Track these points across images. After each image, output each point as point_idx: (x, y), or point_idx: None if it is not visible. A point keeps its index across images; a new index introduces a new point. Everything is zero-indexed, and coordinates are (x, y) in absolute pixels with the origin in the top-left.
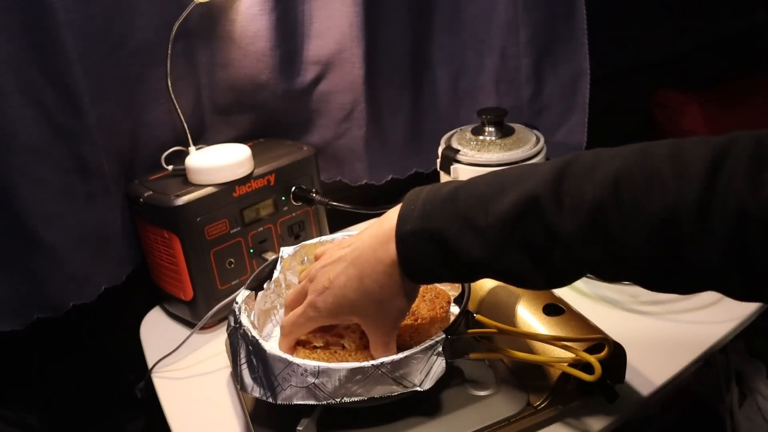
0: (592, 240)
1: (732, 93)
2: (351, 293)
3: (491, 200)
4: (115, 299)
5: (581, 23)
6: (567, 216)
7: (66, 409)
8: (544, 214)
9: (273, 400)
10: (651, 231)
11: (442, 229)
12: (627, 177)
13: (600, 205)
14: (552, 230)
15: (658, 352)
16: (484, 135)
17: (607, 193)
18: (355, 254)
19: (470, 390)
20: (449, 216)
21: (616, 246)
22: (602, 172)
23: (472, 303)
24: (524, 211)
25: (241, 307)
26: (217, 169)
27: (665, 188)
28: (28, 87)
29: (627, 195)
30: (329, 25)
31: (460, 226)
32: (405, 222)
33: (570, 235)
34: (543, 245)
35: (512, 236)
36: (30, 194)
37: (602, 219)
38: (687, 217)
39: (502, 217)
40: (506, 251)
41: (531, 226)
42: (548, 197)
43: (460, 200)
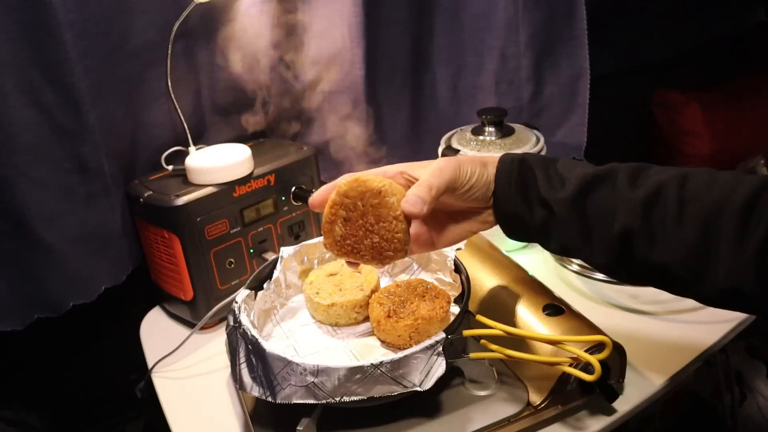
0: (649, 213)
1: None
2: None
3: (582, 166)
4: (115, 299)
5: (581, 23)
6: (635, 188)
7: (66, 409)
8: (618, 183)
9: (272, 399)
10: (699, 220)
11: (537, 165)
12: (694, 174)
13: (664, 188)
14: (619, 196)
15: (658, 352)
16: (484, 135)
17: (675, 180)
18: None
19: (470, 390)
20: (546, 162)
21: (667, 227)
22: (676, 169)
23: (472, 303)
24: (604, 175)
25: (240, 306)
26: (217, 169)
27: (721, 189)
28: (28, 87)
29: (689, 185)
30: (329, 25)
31: (552, 171)
32: (510, 154)
33: (632, 203)
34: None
35: (586, 192)
36: (30, 194)
37: (662, 198)
38: (732, 214)
39: (586, 174)
40: (577, 203)
41: (605, 188)
42: (626, 173)
43: (559, 161)
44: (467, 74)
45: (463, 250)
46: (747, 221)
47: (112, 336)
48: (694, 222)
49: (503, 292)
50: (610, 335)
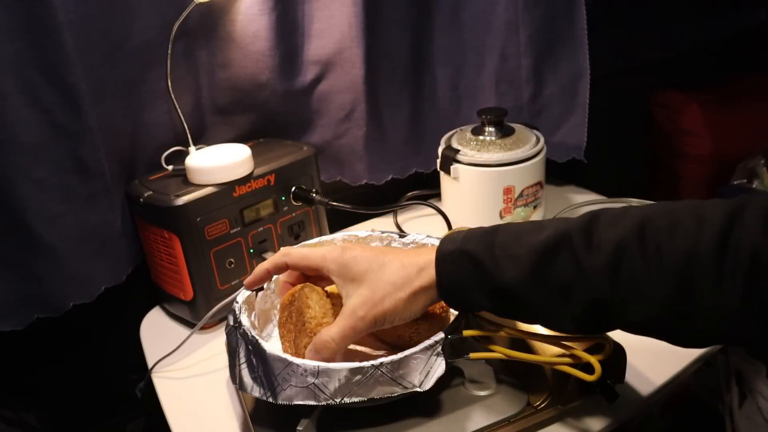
0: (616, 279)
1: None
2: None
3: (528, 235)
4: (115, 299)
5: (581, 23)
6: (594, 253)
7: (66, 409)
8: (575, 250)
9: (273, 399)
10: (671, 273)
11: (479, 252)
12: (651, 223)
13: (625, 246)
14: (580, 265)
15: (658, 352)
16: (484, 135)
17: (633, 235)
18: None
19: (470, 390)
20: (488, 243)
21: (639, 287)
22: (629, 218)
23: None
24: (557, 244)
25: (241, 306)
26: (217, 169)
27: (686, 233)
28: (28, 87)
29: (650, 238)
30: (329, 25)
31: (497, 252)
32: (446, 244)
33: (595, 271)
34: (570, 279)
35: (544, 266)
36: (30, 194)
37: (626, 259)
38: (704, 260)
39: (536, 247)
40: (536, 280)
41: (561, 259)
42: (579, 235)
43: (500, 233)
44: (467, 74)
45: None
46: (721, 269)
47: (112, 336)
48: (665, 279)
49: None
50: (610, 335)
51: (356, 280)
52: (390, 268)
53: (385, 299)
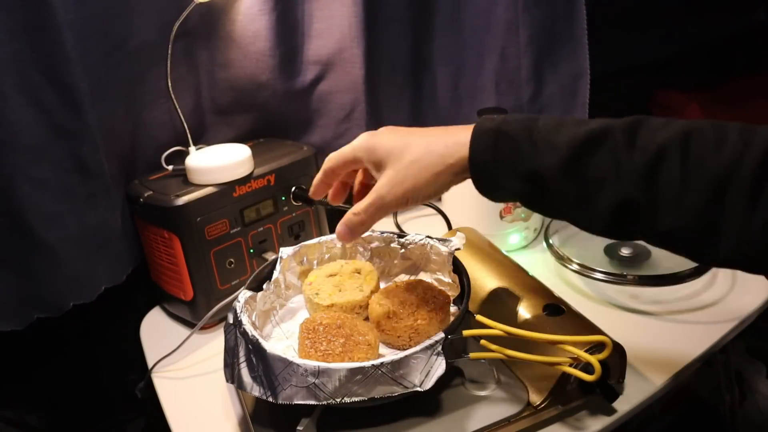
0: (652, 181)
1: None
2: (418, 132)
3: (570, 125)
4: (115, 299)
5: (581, 23)
6: (635, 151)
7: (66, 409)
8: (615, 145)
9: (273, 399)
10: (708, 184)
11: (517, 134)
12: (698, 132)
13: (667, 149)
14: (618, 161)
15: (658, 352)
16: None
17: (677, 140)
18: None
19: (470, 390)
20: (527, 127)
21: (672, 194)
22: (677, 125)
23: (472, 303)
24: (598, 137)
25: (241, 306)
26: (217, 169)
27: (732, 148)
28: (28, 87)
29: (696, 145)
30: (329, 25)
31: (536, 136)
32: (483, 123)
33: (633, 169)
34: (606, 174)
35: (581, 157)
36: (30, 194)
37: (667, 162)
38: (744, 179)
39: (576, 137)
40: (572, 170)
41: (600, 153)
42: (622, 133)
43: (541, 119)
44: (467, 74)
45: (462, 250)
46: (758, 191)
47: (112, 336)
48: (701, 190)
49: (503, 292)
50: (610, 335)
51: (382, 161)
52: (414, 148)
53: (407, 178)
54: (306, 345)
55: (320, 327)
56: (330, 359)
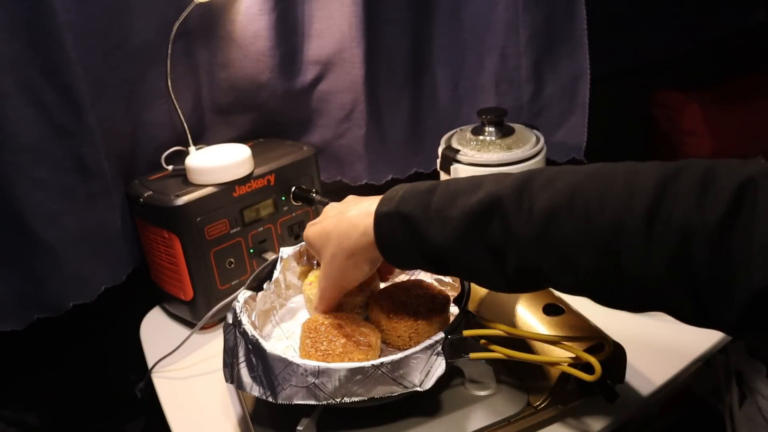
0: (545, 246)
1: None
2: (332, 229)
3: (462, 195)
4: (115, 299)
5: (581, 23)
6: (524, 219)
7: (66, 409)
8: (505, 215)
9: (273, 399)
10: (599, 242)
11: (413, 214)
12: (582, 190)
13: (555, 212)
14: (510, 231)
15: (658, 352)
16: (484, 135)
17: (563, 201)
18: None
19: (470, 390)
20: (423, 204)
21: (567, 255)
22: (562, 183)
23: (472, 303)
24: (488, 208)
25: (241, 306)
26: (217, 169)
27: (616, 201)
28: (28, 87)
29: (580, 205)
30: (329, 25)
31: (431, 214)
32: (383, 205)
33: (525, 237)
34: (501, 244)
35: (474, 230)
36: (30, 194)
37: (555, 226)
38: (633, 230)
39: (467, 210)
40: (468, 244)
41: (492, 224)
42: (511, 199)
43: (437, 193)
44: (467, 74)
45: None
46: (650, 241)
47: (112, 336)
48: (594, 247)
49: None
50: (610, 335)
51: (318, 254)
52: (331, 238)
53: (333, 275)
54: (307, 344)
55: (321, 327)
56: (330, 359)
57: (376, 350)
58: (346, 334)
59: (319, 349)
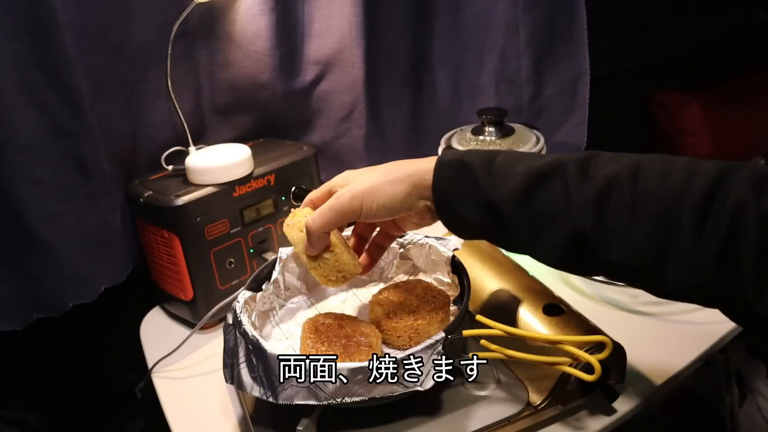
0: (601, 212)
1: (732, 93)
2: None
3: (527, 159)
4: (115, 299)
5: (581, 23)
6: (585, 184)
7: (66, 408)
8: (567, 178)
9: (274, 399)
10: (655, 215)
11: (478, 165)
12: (647, 164)
13: (616, 181)
14: (569, 192)
15: (658, 352)
16: (484, 135)
17: (626, 172)
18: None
19: (470, 390)
20: (487, 159)
21: (621, 225)
22: (627, 158)
23: (472, 303)
24: (552, 170)
25: (241, 306)
26: (217, 169)
27: (677, 180)
28: (28, 87)
29: (643, 177)
30: (329, 25)
31: (495, 168)
32: (447, 154)
33: (583, 200)
34: (558, 206)
35: (535, 189)
36: (30, 194)
37: (615, 194)
38: (689, 209)
39: (531, 170)
40: (527, 201)
41: (553, 185)
42: (575, 166)
43: (502, 153)
44: (467, 74)
45: (462, 250)
46: (704, 219)
47: (112, 336)
48: (649, 219)
49: (503, 292)
50: (610, 335)
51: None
52: (382, 167)
53: (364, 180)
54: (307, 345)
55: (322, 327)
56: None
57: (376, 350)
58: (346, 334)
59: (320, 350)
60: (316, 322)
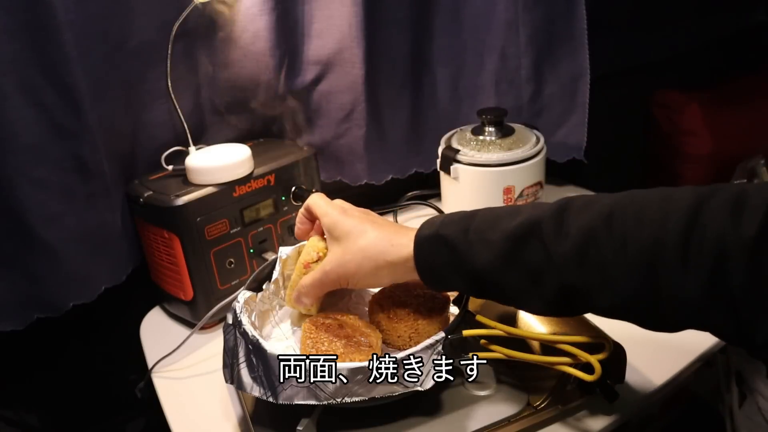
0: (583, 265)
1: (732, 93)
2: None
3: (503, 220)
4: (115, 299)
5: (581, 23)
6: (563, 240)
7: (66, 409)
8: (544, 237)
9: (274, 399)
10: (638, 260)
11: (455, 237)
12: (620, 211)
13: (593, 233)
14: (549, 252)
15: (658, 352)
16: (484, 135)
17: (601, 222)
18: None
19: (470, 390)
20: (463, 228)
21: (605, 275)
22: (599, 206)
23: (472, 303)
24: (528, 231)
25: (241, 306)
26: (217, 169)
27: (653, 220)
28: (28, 87)
29: (618, 225)
30: (329, 25)
31: (472, 237)
32: (424, 229)
33: (564, 259)
34: (540, 266)
35: (515, 252)
36: (30, 194)
37: (594, 246)
38: (670, 247)
39: (508, 234)
40: (508, 265)
41: (532, 246)
42: (550, 223)
43: (477, 218)
44: (467, 74)
45: None
46: (686, 258)
47: (112, 336)
48: (633, 265)
49: None
50: (610, 335)
51: (338, 239)
52: (368, 236)
53: (351, 262)
54: (307, 345)
55: (322, 327)
56: None
57: (376, 350)
58: (346, 334)
59: (320, 350)
60: (316, 322)
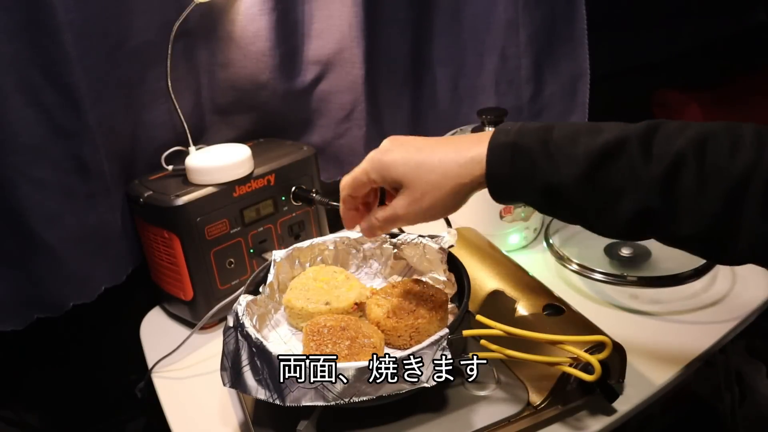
0: (670, 190)
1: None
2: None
3: (585, 136)
4: (115, 299)
5: (581, 23)
6: (651, 162)
7: (66, 408)
8: (632, 156)
9: (281, 402)
10: (725, 191)
11: (533, 148)
12: (713, 138)
13: (683, 157)
14: (635, 172)
15: (658, 352)
16: None
17: (692, 147)
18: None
19: (470, 390)
20: (542, 139)
21: (691, 202)
22: (692, 131)
23: (472, 303)
24: (614, 149)
25: (243, 309)
26: (217, 169)
27: (746, 153)
28: (28, 87)
29: (711, 151)
30: (329, 25)
31: (552, 149)
32: (498, 137)
33: (650, 179)
34: (623, 186)
35: (599, 170)
36: (30, 194)
37: (682, 171)
38: (759, 184)
39: (592, 150)
40: (589, 182)
41: (617, 165)
42: (638, 143)
43: (555, 129)
44: (467, 74)
45: (462, 250)
46: None
47: (112, 336)
48: (719, 196)
49: (503, 292)
50: (610, 335)
51: (398, 182)
52: (428, 170)
53: (424, 201)
54: (311, 347)
55: (324, 329)
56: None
57: (380, 351)
58: (349, 336)
59: (324, 352)
60: (317, 325)
